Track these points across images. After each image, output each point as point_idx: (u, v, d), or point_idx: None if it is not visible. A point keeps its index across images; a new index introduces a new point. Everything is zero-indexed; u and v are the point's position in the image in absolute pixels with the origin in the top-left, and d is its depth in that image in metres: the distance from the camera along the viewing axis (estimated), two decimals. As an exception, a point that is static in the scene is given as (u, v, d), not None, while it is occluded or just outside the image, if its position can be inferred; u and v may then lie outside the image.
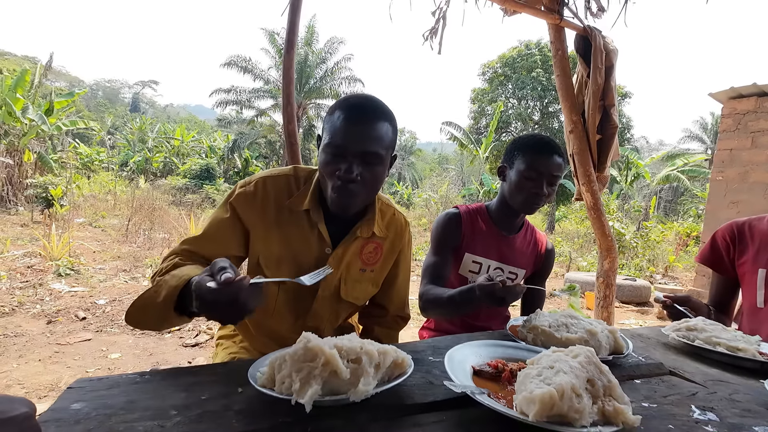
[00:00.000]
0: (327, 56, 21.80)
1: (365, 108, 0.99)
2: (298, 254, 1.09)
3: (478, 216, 1.50)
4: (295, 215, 1.08)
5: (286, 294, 1.14)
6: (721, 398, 0.78)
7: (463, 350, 0.79)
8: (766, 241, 1.32)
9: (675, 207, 23.02)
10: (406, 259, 1.28)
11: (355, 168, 0.95)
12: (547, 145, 1.35)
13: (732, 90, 5.18)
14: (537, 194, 1.33)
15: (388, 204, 1.22)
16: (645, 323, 5.05)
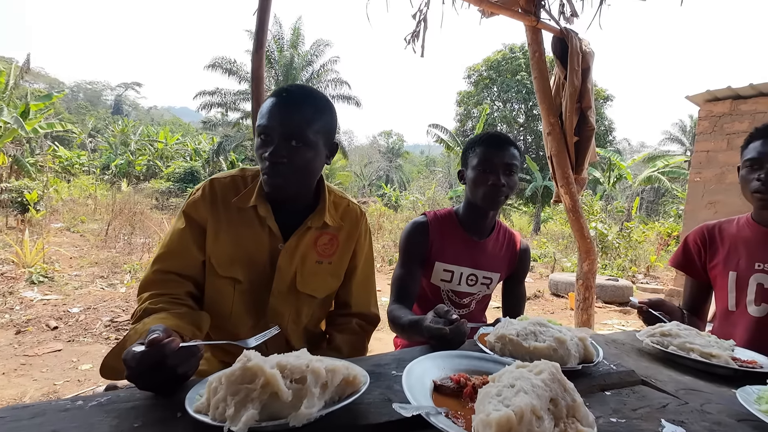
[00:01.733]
0: (313, 59, 21.74)
1: (293, 92, 1.01)
2: (250, 253, 1.09)
3: (446, 222, 1.46)
4: (244, 213, 1.09)
5: (243, 294, 1.12)
6: (692, 410, 0.75)
7: (424, 363, 0.75)
8: (736, 244, 1.32)
9: (656, 207, 23.54)
10: (365, 251, 1.25)
11: (281, 149, 0.98)
12: (497, 137, 1.35)
13: (708, 93, 5.29)
14: (495, 185, 1.30)
15: (342, 196, 1.24)
16: (627, 323, 5.10)
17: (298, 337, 1.21)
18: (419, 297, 1.50)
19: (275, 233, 1.10)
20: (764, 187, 1.18)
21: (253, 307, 1.13)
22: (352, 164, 36.77)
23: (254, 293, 1.12)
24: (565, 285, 6.19)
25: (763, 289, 1.23)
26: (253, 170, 1.17)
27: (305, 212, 1.13)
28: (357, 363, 0.89)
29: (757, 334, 1.23)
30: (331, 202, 1.18)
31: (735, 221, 1.37)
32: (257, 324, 1.14)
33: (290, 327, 1.17)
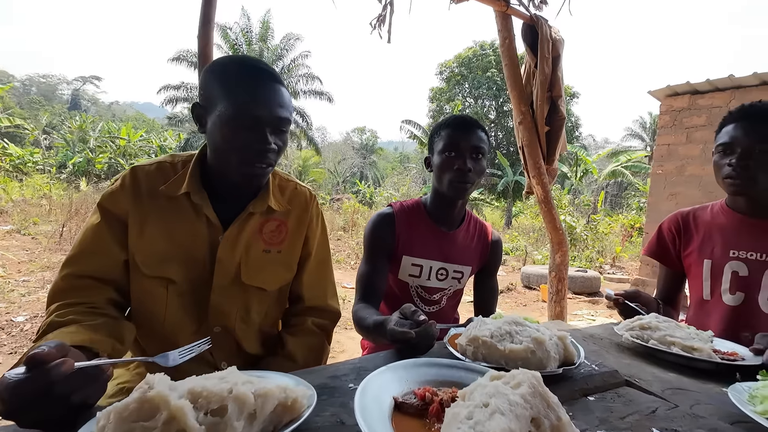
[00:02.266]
0: (283, 53, 21.23)
1: (267, 71, 0.92)
2: (185, 248, 0.96)
3: (414, 213, 1.35)
4: (175, 203, 0.96)
5: (179, 296, 0.98)
6: (683, 414, 0.67)
7: (383, 376, 0.63)
8: (711, 231, 1.28)
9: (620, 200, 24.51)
10: (318, 237, 1.14)
11: (270, 138, 0.90)
12: (463, 120, 1.27)
13: (668, 88, 5.46)
14: (461, 170, 1.21)
15: (288, 178, 1.13)
16: (596, 312, 5.21)
17: (252, 340, 1.08)
18: (387, 295, 1.39)
19: (214, 223, 0.98)
20: (735, 173, 1.14)
21: (194, 310, 1.00)
22: (325, 161, 36.28)
23: (194, 294, 0.99)
24: (536, 277, 6.28)
25: (738, 277, 1.19)
26: (184, 156, 1.04)
27: (248, 198, 1.02)
28: (309, 375, 0.78)
29: (731, 323, 1.19)
30: (275, 185, 1.08)
31: (709, 208, 1.34)
32: (200, 329, 1.01)
33: (240, 327, 1.04)
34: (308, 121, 22.37)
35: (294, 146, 26.15)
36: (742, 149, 1.13)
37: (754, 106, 1.16)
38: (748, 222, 1.20)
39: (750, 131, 1.13)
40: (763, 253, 1.16)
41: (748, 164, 1.12)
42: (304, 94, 21.02)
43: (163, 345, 0.98)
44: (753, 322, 1.16)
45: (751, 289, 1.17)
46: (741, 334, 1.13)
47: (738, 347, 1.01)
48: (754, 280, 1.16)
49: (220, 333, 1.02)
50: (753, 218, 1.20)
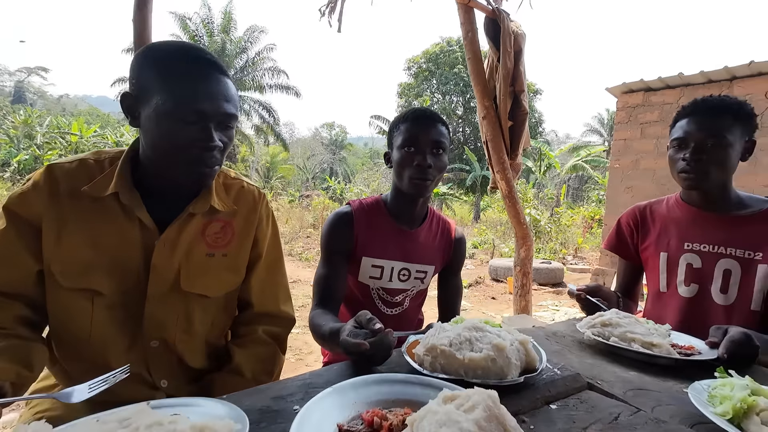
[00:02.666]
0: (247, 45, 20.55)
1: (211, 61, 0.83)
2: (115, 254, 0.86)
3: (373, 212, 1.28)
4: (101, 205, 0.86)
5: (108, 309, 0.87)
6: (645, 420, 0.65)
7: (328, 400, 0.56)
8: (667, 225, 1.29)
9: (581, 194, 25.59)
10: (269, 238, 1.06)
11: (215, 135, 0.83)
12: (423, 113, 1.21)
13: (624, 85, 5.68)
14: (420, 166, 1.15)
15: (234, 177, 1.05)
16: (560, 303, 5.37)
17: (196, 353, 0.98)
18: (347, 298, 1.32)
19: (148, 226, 0.88)
20: (689, 167, 1.15)
21: (127, 324, 0.89)
22: (294, 157, 35.59)
23: (126, 306, 0.89)
24: (504, 270, 6.40)
25: (692, 269, 1.21)
26: (111, 152, 0.93)
27: (187, 198, 0.93)
28: (250, 398, 0.69)
29: (687, 314, 1.21)
30: (219, 184, 1.00)
31: (665, 201, 1.35)
32: (134, 344, 0.90)
33: (181, 339, 0.94)
34: (275, 117, 21.82)
35: (261, 142, 25.46)
36: (696, 143, 1.14)
37: (706, 101, 1.17)
38: (701, 215, 1.22)
39: (702, 126, 1.14)
40: (715, 245, 1.18)
41: (701, 158, 1.13)
42: (270, 88, 20.46)
43: (90, 367, 0.87)
44: (707, 313, 1.18)
45: (704, 280, 1.19)
46: (696, 325, 1.15)
47: (694, 340, 1.02)
48: (707, 271, 1.18)
49: (159, 347, 0.92)
50: (706, 211, 1.22)
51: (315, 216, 12.68)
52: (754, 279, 1.12)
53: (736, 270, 1.14)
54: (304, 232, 11.27)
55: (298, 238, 10.46)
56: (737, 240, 1.15)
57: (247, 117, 21.46)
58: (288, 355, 3.44)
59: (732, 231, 1.17)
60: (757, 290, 1.11)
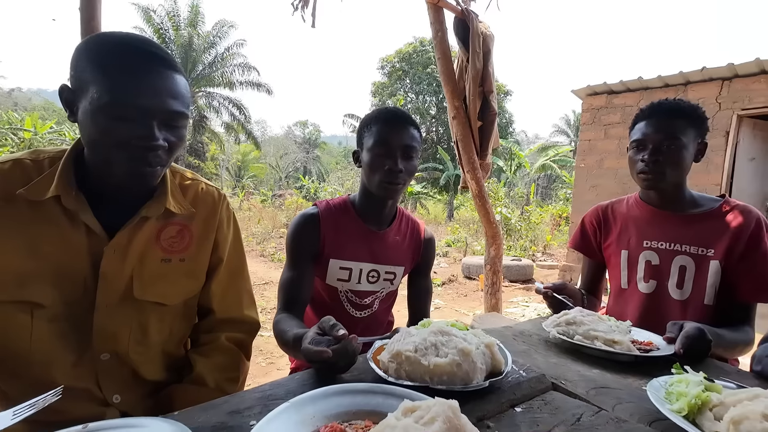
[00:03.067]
0: (216, 40, 19.92)
1: (157, 54, 0.78)
2: (57, 263, 0.80)
3: (341, 212, 1.25)
4: (40, 209, 0.79)
5: (51, 322, 0.80)
6: (606, 420, 0.65)
7: (284, 416, 0.53)
8: (627, 223, 1.34)
9: (549, 192, 26.44)
10: (230, 241, 1.02)
11: (158, 133, 0.77)
12: (395, 115, 1.17)
13: (588, 88, 5.89)
14: (391, 170, 1.12)
15: (192, 178, 1.00)
16: (530, 299, 5.52)
17: (153, 364, 0.92)
18: (315, 302, 1.29)
19: (96, 231, 0.82)
20: (647, 168, 1.19)
21: (73, 337, 0.83)
22: (266, 156, 34.88)
23: (72, 318, 0.82)
24: (476, 268, 6.51)
25: (650, 266, 1.25)
26: (51, 152, 0.85)
27: (140, 200, 0.87)
28: (205, 413, 0.65)
29: (646, 309, 1.25)
30: (176, 185, 0.94)
31: (625, 201, 1.39)
32: (81, 358, 0.84)
33: (135, 351, 0.88)
34: (246, 114, 21.28)
35: (232, 140, 24.76)
36: (653, 145, 1.18)
37: (662, 105, 1.21)
38: (658, 214, 1.27)
39: (659, 128, 1.18)
40: (671, 242, 1.22)
41: (658, 159, 1.17)
42: (240, 85, 19.94)
43: (31, 385, 0.80)
44: (665, 308, 1.22)
45: (662, 277, 1.23)
46: (655, 319, 1.19)
47: (653, 336, 1.05)
48: (665, 268, 1.23)
49: (110, 360, 0.86)
50: (662, 210, 1.26)
51: (288, 216, 12.46)
52: (707, 275, 1.17)
53: (691, 266, 1.19)
54: (277, 232, 11.06)
55: (271, 239, 10.26)
56: (691, 237, 1.20)
57: (216, 114, 20.83)
58: (259, 359, 3.35)
59: (686, 229, 1.21)
60: (710, 285, 1.16)
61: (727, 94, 4.73)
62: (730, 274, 1.15)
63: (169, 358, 0.96)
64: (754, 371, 0.92)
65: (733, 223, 1.16)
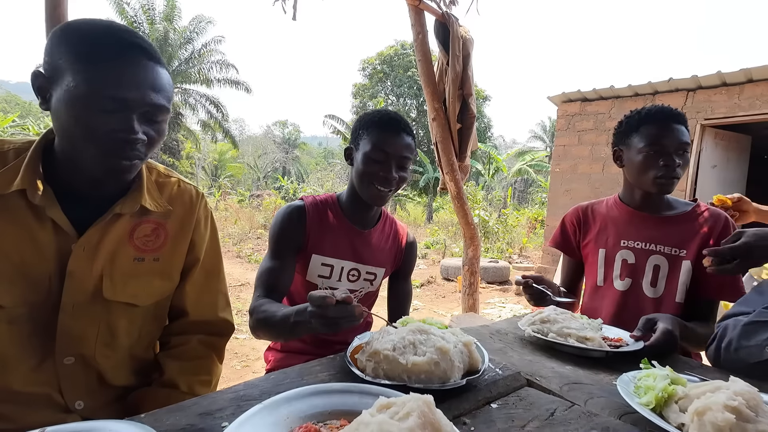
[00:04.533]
0: (193, 36, 19.41)
1: (139, 44, 0.75)
2: (20, 261, 0.76)
3: (327, 209, 1.24)
4: (4, 203, 0.75)
5: (11, 323, 0.76)
6: (579, 414, 0.67)
7: (257, 417, 0.51)
8: (606, 223, 1.38)
9: (526, 196, 27.07)
10: (207, 241, 0.99)
11: (138, 126, 0.74)
12: (395, 122, 1.15)
13: (563, 95, 6.08)
14: (386, 179, 1.12)
15: (169, 174, 0.97)
16: (506, 300, 5.62)
17: (120, 369, 0.88)
18: (294, 299, 1.26)
19: (63, 228, 0.78)
20: (669, 173, 1.18)
21: (35, 339, 0.79)
22: (244, 155, 34.23)
23: (35, 319, 0.78)
24: (454, 269, 6.58)
25: (626, 264, 1.30)
26: (18, 142, 0.81)
27: (113, 196, 0.83)
28: (173, 415, 0.62)
29: (621, 306, 1.29)
30: (152, 181, 0.91)
31: (605, 202, 1.44)
32: (43, 362, 0.80)
33: (102, 354, 0.84)
34: (224, 112, 20.82)
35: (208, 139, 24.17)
36: (673, 151, 1.18)
37: (668, 111, 1.21)
38: (636, 215, 1.31)
39: (677, 134, 1.18)
40: (647, 242, 1.27)
41: (678, 165, 1.18)
42: (218, 82, 19.49)
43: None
44: (639, 304, 1.27)
45: (637, 275, 1.28)
46: (630, 315, 1.23)
47: (622, 332, 1.08)
48: (640, 266, 1.27)
49: (74, 364, 0.82)
50: (641, 212, 1.31)
51: (266, 216, 12.26)
52: (679, 274, 1.22)
53: (664, 265, 1.24)
54: (255, 233, 10.85)
55: (248, 239, 10.06)
56: (666, 238, 1.25)
57: (192, 111, 20.29)
58: (234, 362, 3.27)
59: (661, 230, 1.26)
60: (681, 283, 1.21)
61: (692, 104, 4.97)
62: (699, 273, 1.20)
63: (137, 362, 0.92)
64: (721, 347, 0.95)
65: (704, 226, 1.22)
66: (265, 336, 1.02)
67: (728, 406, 0.57)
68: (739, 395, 0.59)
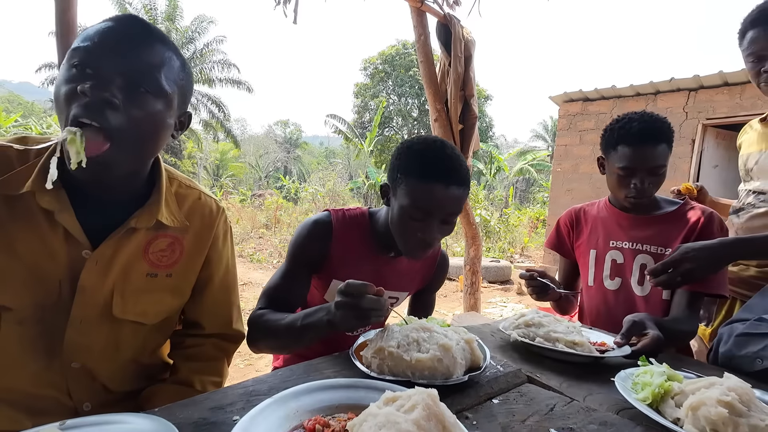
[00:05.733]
0: (195, 36, 19.47)
1: (137, 19, 0.73)
2: (31, 265, 0.74)
3: (355, 228, 1.11)
4: (17, 204, 0.73)
5: (20, 326, 0.76)
6: (578, 409, 0.69)
7: (268, 411, 0.54)
8: (596, 224, 1.42)
9: (527, 195, 27.06)
10: (222, 257, 0.96)
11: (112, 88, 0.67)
12: (441, 170, 0.90)
13: (565, 94, 6.09)
14: (424, 241, 0.94)
15: (190, 185, 0.93)
16: (508, 299, 5.64)
17: (122, 376, 0.88)
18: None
19: (76, 236, 0.76)
20: (637, 194, 1.22)
21: (42, 342, 0.79)
22: (246, 155, 34.28)
23: (43, 323, 0.78)
24: (455, 269, 6.58)
25: (616, 264, 1.33)
26: (39, 140, 0.77)
27: (129, 206, 0.81)
28: (185, 409, 0.64)
29: (612, 305, 1.33)
30: (171, 193, 0.88)
31: (596, 204, 1.47)
32: (51, 364, 0.79)
33: (102, 363, 0.84)
34: (225, 112, 20.87)
35: (210, 138, 24.22)
36: (642, 174, 1.20)
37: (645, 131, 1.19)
38: (624, 216, 1.34)
39: (647, 158, 1.18)
40: (634, 242, 1.30)
41: (647, 186, 1.21)
42: (220, 82, 19.54)
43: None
44: (628, 303, 1.29)
45: (625, 274, 1.31)
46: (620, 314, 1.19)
47: (605, 336, 1.07)
48: (627, 266, 1.30)
49: (80, 369, 0.82)
50: (628, 213, 1.34)
51: (268, 216, 12.29)
52: None
53: (651, 264, 1.25)
54: (256, 233, 10.89)
55: (250, 239, 10.09)
56: (652, 237, 1.28)
57: (194, 111, 20.30)
58: (237, 361, 3.30)
59: (647, 230, 1.29)
60: None
61: (693, 104, 4.98)
62: None
63: (141, 368, 0.92)
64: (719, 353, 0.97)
65: (689, 222, 1.24)
66: (266, 346, 0.97)
67: (721, 401, 0.59)
68: (732, 391, 0.61)
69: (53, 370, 0.80)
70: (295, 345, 0.94)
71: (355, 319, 0.73)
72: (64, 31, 1.26)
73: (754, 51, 1.27)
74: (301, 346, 1.00)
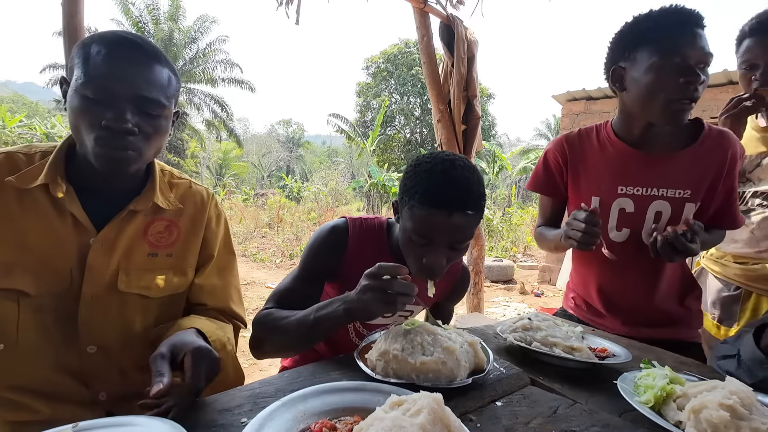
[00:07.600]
0: (198, 35, 19.54)
1: (138, 44, 0.81)
2: (43, 253, 0.82)
3: (373, 239, 1.06)
4: (28, 198, 0.82)
5: (37, 312, 0.81)
6: (580, 412, 0.70)
7: (275, 414, 0.55)
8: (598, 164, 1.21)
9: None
10: (218, 237, 1.04)
11: (130, 117, 0.79)
12: (448, 198, 0.82)
13: (568, 93, 6.06)
14: (430, 267, 0.89)
15: (181, 176, 1.03)
16: (510, 299, 5.63)
17: (132, 356, 0.91)
18: None
19: (83, 223, 0.84)
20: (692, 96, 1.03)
21: (59, 328, 0.84)
22: (248, 154, 34.40)
23: (58, 309, 0.84)
24: (458, 269, 6.60)
25: (624, 213, 1.15)
26: (44, 146, 0.89)
27: (128, 195, 0.90)
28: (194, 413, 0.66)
29: (618, 259, 1.09)
30: (165, 182, 0.98)
31: (595, 133, 1.24)
32: (67, 351, 0.84)
33: (116, 343, 0.89)
34: (228, 111, 20.93)
35: (213, 138, 24.31)
36: (695, 62, 1.02)
37: (687, 11, 1.03)
38: (635, 154, 1.14)
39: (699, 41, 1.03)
40: (648, 186, 1.12)
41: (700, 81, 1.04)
42: (222, 81, 19.60)
43: (15, 377, 0.81)
44: (636, 256, 1.15)
45: (636, 224, 1.15)
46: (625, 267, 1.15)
47: (606, 343, 1.02)
48: (639, 215, 1.14)
49: (97, 354, 0.87)
50: (640, 150, 1.14)
51: (271, 215, 12.33)
52: (680, 218, 1.08)
53: (667, 211, 1.11)
54: (259, 232, 10.93)
55: (253, 238, 10.13)
56: (670, 179, 1.11)
57: (197, 110, 20.41)
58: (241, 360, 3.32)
59: (664, 169, 1.12)
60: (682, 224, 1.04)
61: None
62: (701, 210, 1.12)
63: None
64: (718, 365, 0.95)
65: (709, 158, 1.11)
66: (272, 346, 0.94)
67: (723, 404, 0.60)
68: (734, 394, 0.61)
69: (70, 358, 0.85)
70: (306, 341, 0.90)
71: (383, 303, 0.73)
72: (72, 36, 1.29)
73: (748, 59, 1.30)
74: (311, 343, 0.96)
